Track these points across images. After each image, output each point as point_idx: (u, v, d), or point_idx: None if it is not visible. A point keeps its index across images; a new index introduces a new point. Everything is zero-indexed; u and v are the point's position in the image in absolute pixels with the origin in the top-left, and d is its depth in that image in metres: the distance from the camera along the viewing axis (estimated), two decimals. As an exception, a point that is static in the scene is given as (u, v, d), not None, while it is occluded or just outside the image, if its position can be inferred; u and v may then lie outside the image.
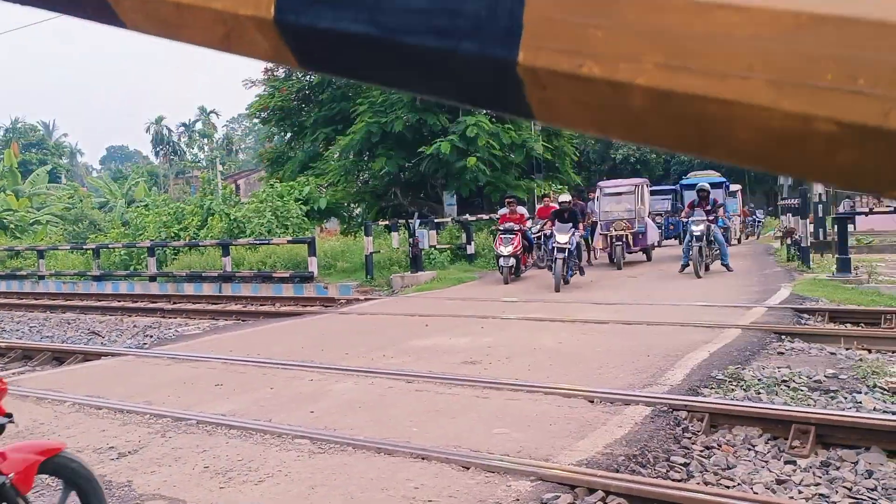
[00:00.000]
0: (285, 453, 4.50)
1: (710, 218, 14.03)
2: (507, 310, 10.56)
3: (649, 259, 18.29)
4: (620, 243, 16.90)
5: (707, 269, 14.05)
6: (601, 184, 19.87)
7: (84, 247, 24.76)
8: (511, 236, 14.43)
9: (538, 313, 10.16)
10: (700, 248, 13.69)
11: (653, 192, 23.47)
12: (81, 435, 5.11)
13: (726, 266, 14.23)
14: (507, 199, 15.87)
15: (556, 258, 12.85)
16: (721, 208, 15.77)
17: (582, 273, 13.44)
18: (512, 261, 14.47)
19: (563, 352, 7.42)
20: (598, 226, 17.85)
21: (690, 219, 14.01)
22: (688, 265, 13.94)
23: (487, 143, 19.23)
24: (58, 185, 50.87)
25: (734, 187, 28.02)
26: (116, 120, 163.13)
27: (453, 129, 19.52)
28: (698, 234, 13.64)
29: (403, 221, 19.00)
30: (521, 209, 16.07)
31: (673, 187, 27.79)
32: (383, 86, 0.82)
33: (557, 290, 12.54)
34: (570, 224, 12.96)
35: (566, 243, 12.74)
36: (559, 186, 21.70)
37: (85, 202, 42.51)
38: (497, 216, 16.82)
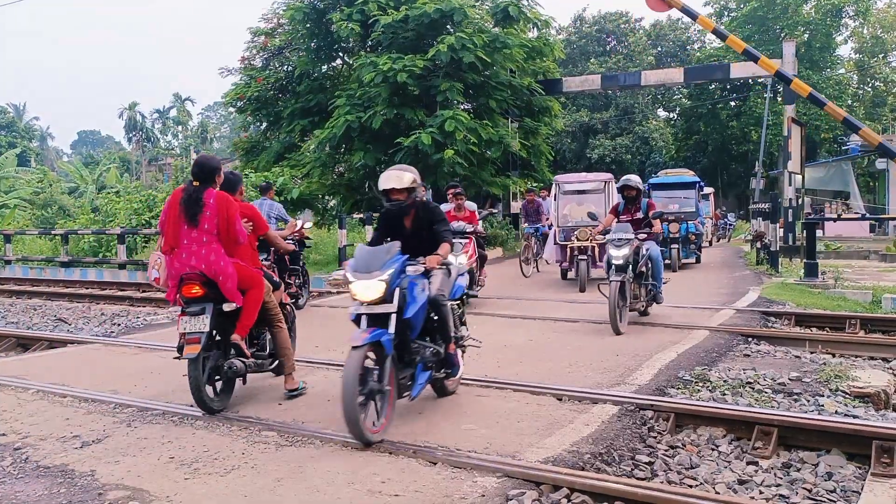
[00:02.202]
0: (252, 445, 4.47)
1: (641, 234, 8.79)
2: (477, 305, 10.58)
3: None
4: (585, 258, 12.43)
5: (644, 312, 8.99)
6: (559, 178, 15.09)
7: (52, 232, 24.37)
8: (463, 241, 10.27)
9: (510, 310, 10.19)
10: (622, 284, 8.25)
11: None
12: (45, 423, 5.04)
13: (655, 297, 9.04)
14: (450, 190, 11.58)
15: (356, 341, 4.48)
16: (663, 217, 9.82)
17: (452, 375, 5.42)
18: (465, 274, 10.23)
19: (533, 349, 7.46)
20: (554, 233, 13.79)
21: (609, 237, 8.67)
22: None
23: (465, 136, 19.23)
24: (27, 169, 50.03)
25: (707, 190, 28.39)
26: (89, 104, 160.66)
27: (431, 122, 19.49)
28: (620, 262, 8.30)
29: (378, 215, 18.82)
30: (471, 204, 11.93)
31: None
32: None
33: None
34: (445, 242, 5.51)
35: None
36: (534, 185, 21.68)
37: (54, 187, 41.90)
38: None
